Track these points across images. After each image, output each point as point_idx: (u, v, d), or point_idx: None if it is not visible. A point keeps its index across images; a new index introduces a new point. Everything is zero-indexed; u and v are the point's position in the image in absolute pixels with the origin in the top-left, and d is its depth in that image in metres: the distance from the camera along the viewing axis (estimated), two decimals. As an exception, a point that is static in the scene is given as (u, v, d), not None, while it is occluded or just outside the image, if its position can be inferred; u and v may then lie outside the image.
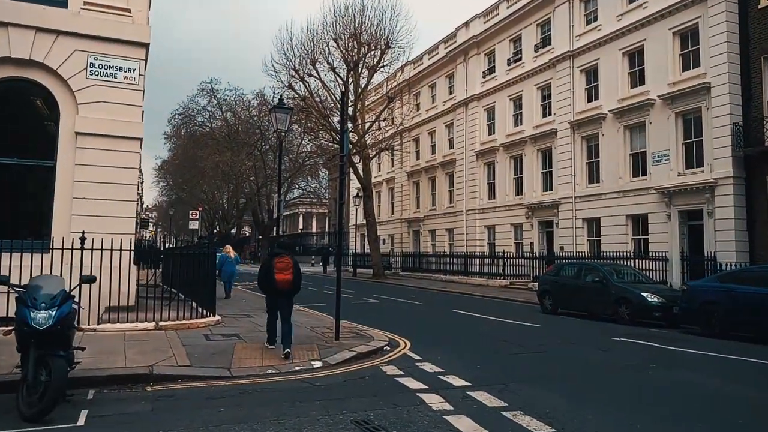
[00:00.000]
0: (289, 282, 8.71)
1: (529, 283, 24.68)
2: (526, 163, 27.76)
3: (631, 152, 22.31)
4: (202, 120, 66.04)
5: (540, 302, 16.37)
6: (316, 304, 17.26)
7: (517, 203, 28.15)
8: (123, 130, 11.41)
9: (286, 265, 8.70)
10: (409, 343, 10.07)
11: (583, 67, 24.61)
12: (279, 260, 8.74)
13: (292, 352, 8.40)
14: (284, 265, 8.69)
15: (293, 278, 8.74)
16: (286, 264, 8.71)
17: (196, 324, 10.56)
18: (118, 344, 8.64)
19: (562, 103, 25.44)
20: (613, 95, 22.93)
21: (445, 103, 34.86)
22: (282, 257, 8.83)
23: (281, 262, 8.71)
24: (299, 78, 31.96)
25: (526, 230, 27.56)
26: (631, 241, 22.13)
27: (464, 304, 18.65)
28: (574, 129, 24.68)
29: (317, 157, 64.39)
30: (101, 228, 10.70)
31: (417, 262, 35.42)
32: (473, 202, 31.44)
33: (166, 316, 10.44)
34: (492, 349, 9.75)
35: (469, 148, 31.91)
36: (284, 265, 8.69)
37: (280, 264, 8.69)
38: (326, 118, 32.36)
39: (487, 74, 31.16)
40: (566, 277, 15.75)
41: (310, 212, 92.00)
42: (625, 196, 22.19)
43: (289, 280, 8.68)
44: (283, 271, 8.66)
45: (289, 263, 8.74)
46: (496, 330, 12.29)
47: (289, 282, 8.71)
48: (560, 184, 25.35)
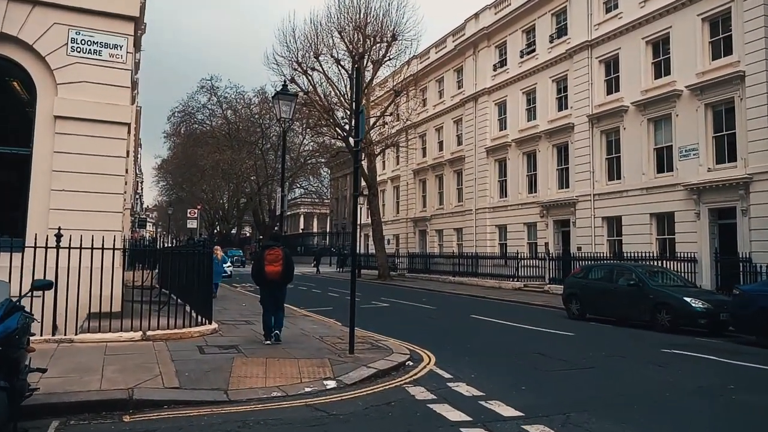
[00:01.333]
0: (279, 273, 8.96)
1: (545, 285, 23.41)
2: (541, 160, 26.47)
3: (656, 147, 21.01)
4: (202, 118, 64.90)
5: (565, 307, 15.08)
6: (323, 309, 16.00)
7: (530, 202, 26.85)
8: (109, 113, 10.15)
9: (276, 257, 8.96)
10: (433, 356, 8.78)
11: (603, 57, 23.31)
12: (270, 252, 9.02)
13: (281, 334, 9.10)
14: (274, 257, 8.96)
15: (283, 269, 8.97)
16: (276, 256, 8.97)
17: (189, 333, 9.27)
18: (95, 359, 7.35)
19: (579, 95, 24.15)
20: (635, 87, 21.64)
21: (453, 98, 33.57)
22: (273, 249, 9.08)
23: (271, 254, 8.98)
24: (302, 71, 30.68)
25: (541, 230, 26.26)
26: (656, 241, 20.82)
27: (480, 308, 17.37)
28: (593, 123, 23.38)
29: (319, 155, 63.48)
30: (83, 224, 9.44)
31: (424, 263, 34.11)
32: (483, 201, 30.14)
33: (156, 324, 9.15)
34: (530, 363, 8.45)
35: (479, 144, 30.61)
36: (274, 257, 8.96)
37: (271, 256, 8.96)
38: (330, 113, 31.10)
39: (498, 67, 29.87)
40: (596, 280, 14.46)
41: (311, 212, 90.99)
42: (649, 193, 20.88)
43: (278, 271, 8.93)
44: (273, 263, 8.92)
45: (279, 255, 8.98)
46: (526, 339, 11.01)
47: (279, 273, 8.96)
48: (578, 182, 24.06)
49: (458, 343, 10.32)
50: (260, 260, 9.08)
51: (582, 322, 13.92)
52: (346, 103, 32.00)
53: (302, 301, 17.71)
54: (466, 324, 13.35)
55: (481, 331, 11.97)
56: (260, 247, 10.20)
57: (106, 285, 8.84)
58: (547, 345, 10.19)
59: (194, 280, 10.31)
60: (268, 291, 9.14)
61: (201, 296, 10.34)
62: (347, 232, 62.80)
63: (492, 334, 11.62)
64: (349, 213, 67.18)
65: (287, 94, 13.76)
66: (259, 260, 9.11)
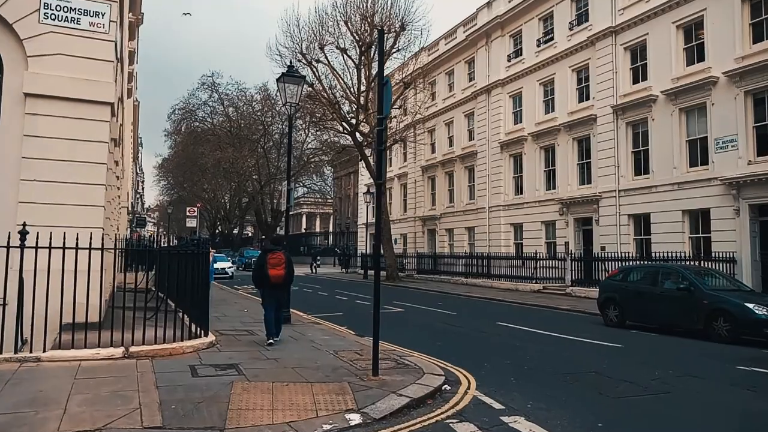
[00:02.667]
0: (282, 277, 9.09)
1: (566, 287, 21.95)
2: (560, 154, 24.99)
3: (689, 138, 19.52)
4: (203, 115, 63.60)
5: (601, 312, 13.62)
6: (332, 314, 14.60)
7: (548, 199, 25.38)
8: (88, 91, 8.74)
9: (278, 261, 9.05)
10: (472, 377, 7.35)
11: (628, 44, 21.83)
12: (272, 256, 9.09)
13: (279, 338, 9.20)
14: (277, 261, 9.04)
15: (286, 273, 9.12)
16: (278, 260, 9.06)
17: (181, 348, 7.83)
18: (62, 385, 5.94)
19: (602, 85, 22.67)
20: (665, 74, 20.15)
21: (465, 91, 32.11)
22: (275, 253, 9.17)
23: (274, 258, 9.06)
24: (306, 63, 29.24)
25: (560, 228, 24.79)
26: (689, 240, 19.35)
27: (504, 313, 15.93)
28: (618, 114, 21.90)
29: (322, 153, 62.09)
30: (58, 219, 8.11)
31: (433, 264, 32.67)
32: (497, 198, 28.67)
33: (142, 337, 7.72)
34: (591, 386, 7.01)
35: (493, 138, 29.14)
36: (277, 260, 9.05)
37: (273, 260, 9.04)
38: (335, 106, 29.68)
39: (513, 57, 28.40)
40: (637, 283, 12.99)
41: (314, 212, 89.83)
42: (680, 188, 19.40)
43: (282, 275, 9.06)
44: (276, 266, 9.01)
45: (282, 259, 9.10)
46: (571, 353, 9.56)
47: (282, 277, 9.09)
48: (601, 177, 22.58)
49: (495, 358, 8.87)
50: (263, 264, 9.04)
51: (622, 330, 12.46)
52: (352, 97, 30.59)
53: (309, 306, 16.30)
54: (495, 333, 11.90)
55: (515, 343, 10.52)
56: (261, 251, 10.30)
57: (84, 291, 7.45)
58: (598, 360, 8.75)
59: (188, 285, 8.89)
60: (270, 294, 9.14)
61: (196, 303, 8.92)
62: (351, 232, 61.38)
63: (529, 346, 10.17)
64: (353, 212, 65.87)
65: (294, 75, 12.35)
66: (262, 264, 9.06)
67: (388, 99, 6.90)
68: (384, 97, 6.89)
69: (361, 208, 44.92)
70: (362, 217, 44.87)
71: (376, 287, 7.13)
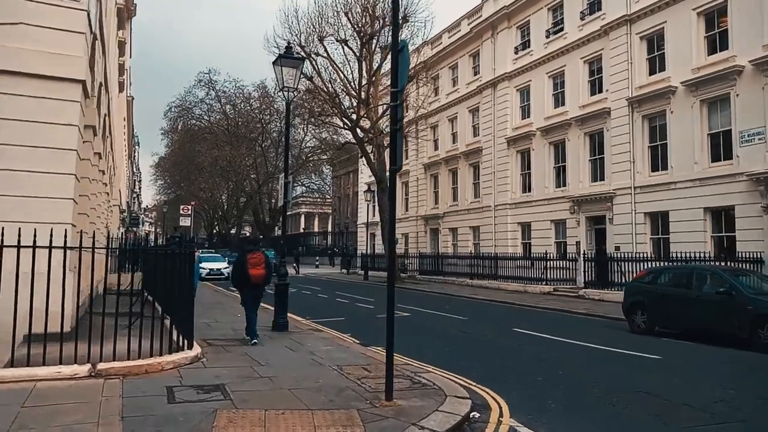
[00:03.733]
0: (263, 276, 9.19)
1: (579, 289, 20.82)
2: (571, 150, 23.88)
3: (711, 132, 18.43)
4: (200, 113, 62.41)
5: (627, 318, 12.49)
6: (333, 319, 13.47)
7: (558, 196, 24.27)
8: (55, 66, 7.59)
9: (258, 261, 9.16)
10: (502, 400, 6.23)
11: (645, 33, 20.73)
12: (252, 256, 9.20)
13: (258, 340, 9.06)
14: (257, 261, 9.14)
15: (266, 272, 9.22)
16: (258, 259, 9.17)
17: (159, 365, 6.68)
18: (2, 418, 4.78)
19: (617, 77, 21.56)
20: (685, 64, 19.06)
21: (469, 86, 30.98)
22: (254, 253, 9.32)
23: (254, 258, 9.16)
24: (305, 55, 28.04)
25: (571, 227, 23.68)
26: (710, 239, 18.26)
27: (517, 318, 14.82)
28: (634, 107, 20.80)
29: (321, 152, 60.94)
30: (18, 214, 6.94)
31: (436, 265, 31.51)
32: (504, 196, 27.55)
33: (118, 349, 6.55)
34: (647, 413, 5.86)
35: (499, 134, 28.03)
36: (257, 260, 9.15)
37: (253, 259, 9.14)
38: (335, 100, 28.55)
39: (520, 50, 27.30)
40: (668, 286, 11.86)
41: (312, 212, 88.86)
42: (702, 184, 18.31)
43: (262, 274, 9.16)
44: (256, 266, 9.09)
45: (262, 258, 9.23)
46: (606, 365, 8.44)
47: (263, 276, 9.19)
48: (615, 173, 21.47)
49: (523, 374, 7.74)
50: (243, 264, 9.10)
51: (652, 338, 11.34)
52: (353, 91, 29.48)
53: (308, 310, 15.17)
54: (515, 342, 10.76)
55: (541, 354, 9.38)
56: (241, 251, 10.53)
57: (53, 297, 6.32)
58: (642, 376, 7.62)
59: (171, 289, 7.75)
60: (250, 292, 9.27)
61: (178, 310, 7.78)
62: (351, 232, 60.28)
63: (557, 358, 9.04)
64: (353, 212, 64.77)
65: (292, 57, 11.21)
66: (243, 264, 9.13)
67: (404, 68, 5.76)
68: (399, 67, 5.75)
69: (362, 208, 43.79)
70: (362, 216, 43.72)
71: (390, 294, 5.97)
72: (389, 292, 5.93)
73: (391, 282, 5.99)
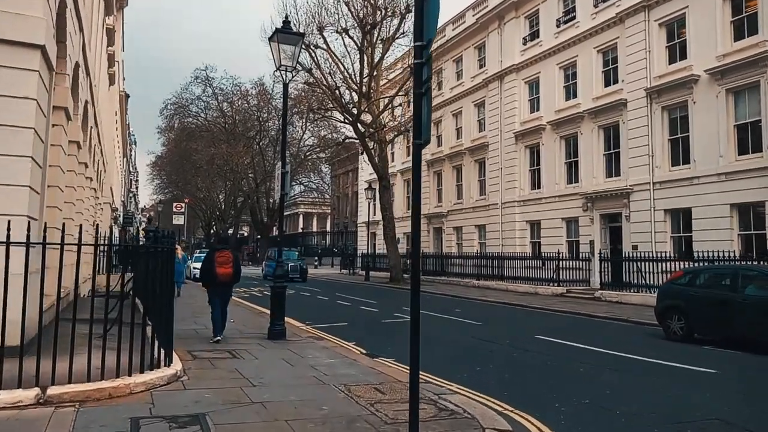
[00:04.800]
0: (229, 275, 9.13)
1: (595, 291, 19.64)
2: (583, 144, 22.70)
3: (737, 123, 17.27)
4: (197, 111, 61.13)
5: (661, 323, 11.30)
6: (335, 324, 12.29)
7: (570, 193, 23.08)
8: (8, 28, 6.37)
9: (226, 259, 9.15)
10: (547, 429, 5.02)
11: (664, 20, 19.57)
12: (220, 254, 9.23)
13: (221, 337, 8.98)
14: (224, 259, 9.14)
15: (233, 271, 9.16)
16: (226, 258, 9.17)
17: (127, 387, 5.45)
18: None
19: (633, 66, 20.38)
20: (708, 52, 17.89)
21: (474, 79, 29.80)
22: (222, 252, 9.36)
23: (222, 257, 9.18)
24: (304, 47, 26.86)
25: (584, 225, 22.49)
26: (738, 237, 17.09)
27: (536, 322, 13.66)
28: (652, 98, 19.63)
29: (320, 150, 59.74)
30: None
31: (440, 265, 30.33)
32: (511, 194, 26.36)
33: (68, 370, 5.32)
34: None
35: (506, 129, 26.85)
36: (224, 259, 9.15)
37: (221, 258, 9.15)
38: (335, 93, 27.35)
39: (529, 40, 26.12)
40: (708, 288, 10.66)
41: (310, 212, 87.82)
42: (728, 179, 17.15)
43: (229, 273, 9.11)
44: (223, 264, 9.08)
45: (229, 257, 9.23)
46: (657, 382, 7.25)
47: (229, 275, 9.13)
48: (632, 168, 20.29)
49: (566, 394, 6.52)
50: (211, 262, 9.11)
51: (694, 346, 10.15)
52: (354, 85, 28.28)
53: (307, 313, 13.99)
54: (541, 351, 9.56)
55: (577, 368, 8.18)
56: (209, 250, 10.82)
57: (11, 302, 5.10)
58: (705, 397, 6.43)
59: (146, 293, 6.54)
60: (217, 291, 9.16)
61: (156, 316, 6.56)
62: (350, 231, 59.08)
63: (597, 373, 7.85)
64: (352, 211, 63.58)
65: (290, 32, 10.02)
66: (210, 262, 9.13)
67: (431, 15, 4.56)
68: (425, 14, 4.55)
69: (362, 206, 42.64)
70: (363, 215, 42.52)
71: (414, 302, 4.72)
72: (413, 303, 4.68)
73: (415, 288, 4.76)
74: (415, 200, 4.86)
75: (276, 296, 9.51)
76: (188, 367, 6.80)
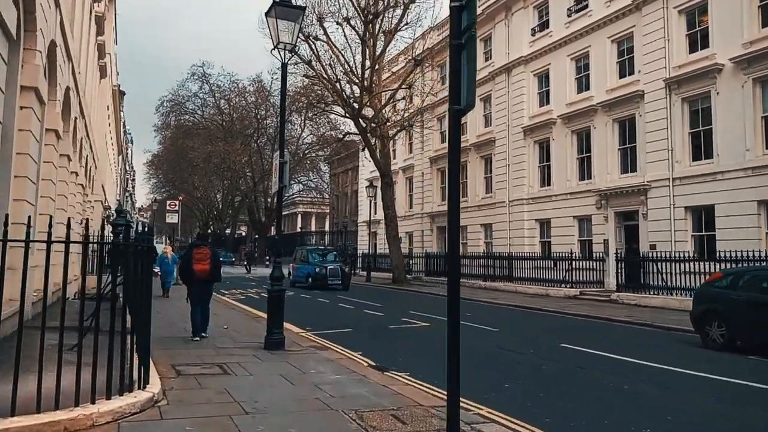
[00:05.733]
0: (207, 272, 9.07)
1: (611, 293, 18.62)
2: (597, 139, 21.66)
3: (765, 114, 16.25)
4: (193, 108, 60.07)
5: (698, 330, 10.27)
6: (337, 331, 11.28)
7: (583, 190, 22.04)
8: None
9: (204, 256, 9.14)
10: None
11: (684, 6, 18.54)
12: (198, 251, 9.25)
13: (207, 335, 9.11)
14: (202, 256, 9.13)
15: (211, 268, 9.10)
16: (204, 254, 9.17)
17: (87, 418, 4.38)
18: None
19: (651, 56, 19.35)
20: (733, 39, 16.88)
21: (479, 72, 28.69)
22: (201, 248, 9.39)
23: (200, 253, 9.19)
24: (304, 37, 25.83)
25: (597, 224, 21.45)
26: (765, 236, 16.07)
27: (557, 329, 12.66)
28: (671, 89, 18.60)
29: (318, 148, 58.67)
30: None
31: (444, 265, 29.26)
32: (519, 191, 25.33)
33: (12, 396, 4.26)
34: None
35: (514, 123, 25.81)
36: (202, 255, 9.14)
37: (199, 255, 9.15)
38: (336, 86, 26.30)
39: (538, 31, 25.09)
40: (753, 291, 9.62)
41: (309, 212, 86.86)
42: (755, 174, 16.13)
43: (206, 269, 9.06)
44: (201, 261, 9.05)
45: (207, 254, 9.22)
46: (720, 405, 6.23)
47: (207, 272, 9.07)
48: (650, 163, 19.27)
49: (620, 422, 5.47)
50: (188, 259, 9.10)
51: (738, 356, 9.11)
52: (355, 78, 27.24)
53: (307, 317, 12.96)
54: (573, 365, 8.51)
55: (620, 385, 7.14)
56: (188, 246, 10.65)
57: None
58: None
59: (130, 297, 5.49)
60: (196, 289, 9.12)
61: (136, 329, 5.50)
62: (350, 231, 58.03)
63: (644, 391, 6.82)
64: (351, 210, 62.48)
65: (289, 5, 8.94)
66: (188, 259, 9.13)
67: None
68: None
69: (363, 205, 41.64)
70: (363, 214, 41.52)
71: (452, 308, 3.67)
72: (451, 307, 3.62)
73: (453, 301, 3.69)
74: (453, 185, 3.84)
75: (274, 301, 8.45)
76: (170, 387, 5.75)
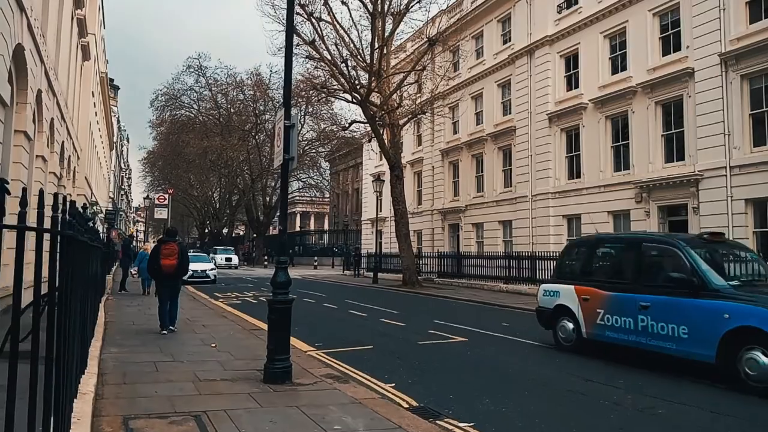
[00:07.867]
0: (174, 267, 9.38)
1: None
2: (636, 124, 19.34)
3: None
4: (189, 102, 57.70)
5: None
6: (357, 348, 8.92)
7: (619, 182, 19.73)
8: None
9: (171, 251, 9.41)
10: None
11: (743, -30, 16.27)
12: (165, 247, 9.49)
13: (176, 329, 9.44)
14: (169, 252, 9.41)
15: (178, 263, 9.41)
16: (171, 250, 9.42)
17: None
18: None
19: (702, 29, 17.06)
20: (806, 5, 14.61)
21: (498, 56, 26.45)
22: (168, 244, 9.57)
23: (167, 249, 9.44)
24: (306, 15, 23.53)
25: (636, 220, 19.14)
26: None
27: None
28: (728, 64, 16.31)
29: (319, 144, 56.35)
30: None
31: (458, 266, 26.95)
32: (544, 184, 23.01)
33: None
34: None
35: (538, 110, 23.50)
36: (169, 251, 9.42)
37: (166, 250, 9.42)
38: (340, 67, 23.95)
39: (565, 8, 22.77)
40: None
41: (308, 211, 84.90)
42: (836, 160, 13.87)
43: (173, 265, 9.37)
44: (168, 256, 9.34)
45: (175, 249, 9.45)
46: None
47: (174, 267, 9.38)
48: (701, 150, 16.97)
49: None
50: (156, 254, 9.36)
51: None
52: (362, 61, 24.90)
53: (315, 329, 10.68)
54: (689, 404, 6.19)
55: None
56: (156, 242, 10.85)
57: None
58: None
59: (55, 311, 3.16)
60: (163, 284, 9.40)
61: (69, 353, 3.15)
62: (351, 230, 55.71)
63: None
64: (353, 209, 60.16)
65: None
66: (155, 254, 9.38)
67: None
68: None
69: (367, 202, 39.31)
70: (367, 212, 39.23)
71: None
72: None
73: None
74: None
75: (278, 317, 6.09)
76: None
